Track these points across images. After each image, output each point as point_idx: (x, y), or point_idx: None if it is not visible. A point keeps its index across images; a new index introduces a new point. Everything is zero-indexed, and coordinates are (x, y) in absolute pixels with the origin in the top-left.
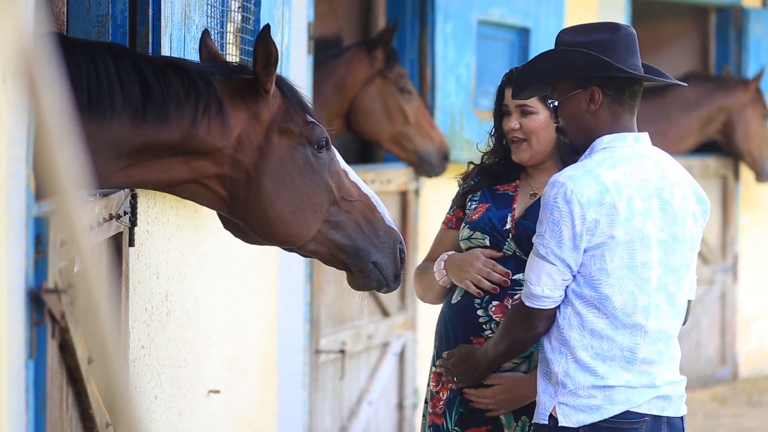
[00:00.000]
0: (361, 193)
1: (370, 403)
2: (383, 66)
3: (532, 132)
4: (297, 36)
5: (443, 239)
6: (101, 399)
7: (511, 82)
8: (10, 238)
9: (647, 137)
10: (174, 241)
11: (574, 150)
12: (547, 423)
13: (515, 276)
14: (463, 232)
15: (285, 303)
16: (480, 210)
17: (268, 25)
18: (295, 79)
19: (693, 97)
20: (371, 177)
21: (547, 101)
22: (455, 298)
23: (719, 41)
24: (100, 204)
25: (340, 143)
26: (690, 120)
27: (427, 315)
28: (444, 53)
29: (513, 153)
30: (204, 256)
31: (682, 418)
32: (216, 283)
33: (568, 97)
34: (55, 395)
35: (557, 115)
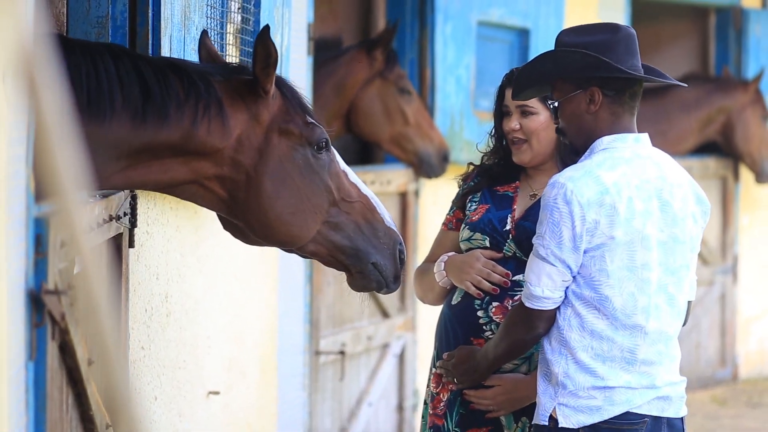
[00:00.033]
0: (361, 194)
1: (369, 405)
2: (383, 67)
3: (532, 132)
4: (297, 37)
5: (443, 240)
6: (101, 400)
7: (512, 82)
8: (10, 238)
9: (647, 138)
10: (174, 243)
11: (574, 151)
12: (547, 424)
13: (515, 277)
14: (463, 233)
15: (285, 304)
16: (480, 211)
17: (267, 26)
18: (295, 80)
19: (693, 98)
20: (371, 178)
21: (547, 102)
22: (455, 299)
23: (719, 42)
24: (100, 205)
25: (339, 144)
26: (690, 121)
27: (427, 316)
28: (444, 54)
29: (514, 154)
30: (204, 257)
31: (682, 419)
32: (216, 285)
33: (568, 98)
34: (55, 396)
35: (557, 116)
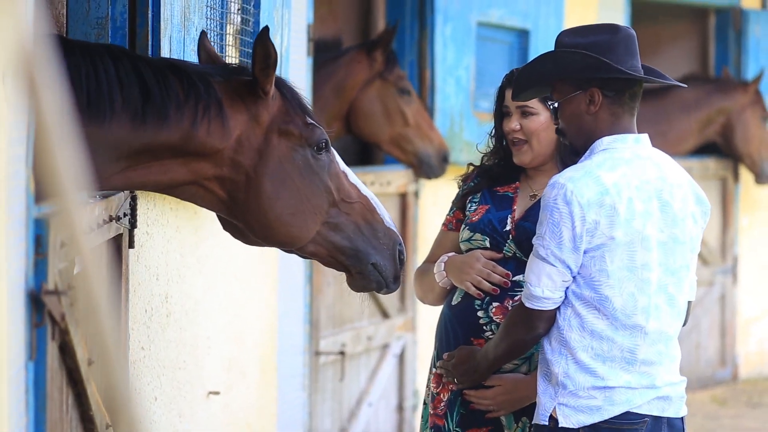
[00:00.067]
0: (361, 195)
1: (369, 405)
2: (383, 68)
3: (532, 133)
4: (296, 38)
5: (443, 241)
6: (101, 400)
7: (512, 83)
8: (10, 239)
9: (647, 139)
10: (174, 243)
11: (574, 151)
12: (547, 424)
13: (515, 277)
14: (463, 233)
15: (285, 304)
16: (480, 211)
17: (266, 27)
18: (295, 81)
19: (692, 99)
20: (371, 179)
21: (547, 103)
22: (455, 299)
23: (718, 43)
24: (99, 206)
25: (339, 145)
26: (689, 122)
27: (427, 316)
28: (443, 55)
29: (514, 155)
30: (203, 257)
31: (682, 419)
32: (215, 285)
33: (567, 99)
34: (55, 396)
35: (557, 117)
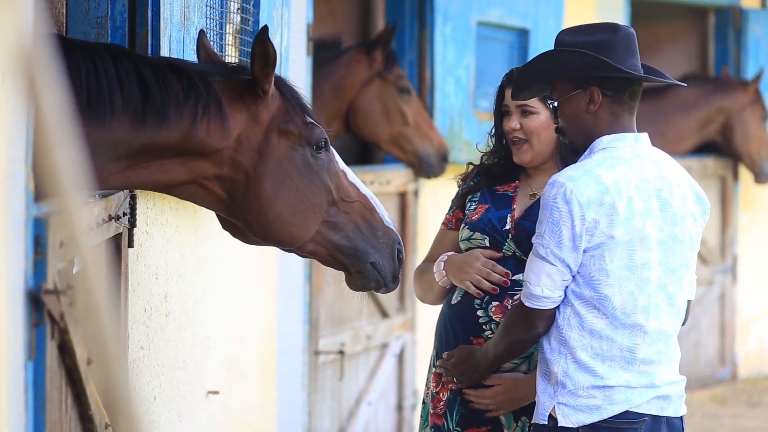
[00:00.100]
0: (360, 194)
1: (369, 404)
2: (382, 67)
3: (532, 132)
4: (296, 38)
5: (442, 240)
6: (100, 400)
7: (511, 82)
8: (9, 238)
9: (647, 137)
10: (173, 242)
11: (573, 150)
12: (547, 423)
13: (515, 276)
14: (463, 232)
15: (284, 304)
16: (479, 210)
17: (265, 26)
18: (294, 81)
19: (692, 99)
20: (370, 178)
21: (547, 102)
22: (455, 298)
23: (718, 42)
24: (99, 205)
25: (339, 144)
26: (689, 121)
27: (426, 316)
28: (443, 54)
29: (514, 155)
30: (203, 257)
31: (681, 418)
32: (215, 285)
33: (567, 98)
34: (55, 396)
35: (557, 116)
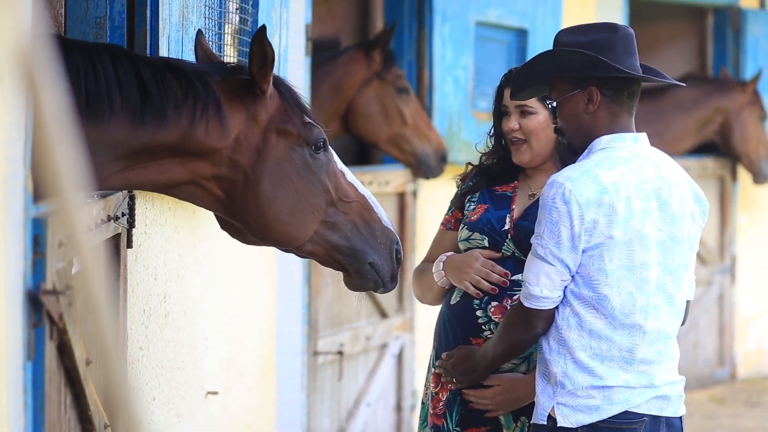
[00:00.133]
0: (359, 194)
1: (368, 405)
2: (381, 67)
3: (531, 132)
4: (295, 38)
5: (441, 240)
6: (100, 400)
7: (510, 82)
8: (8, 239)
9: (645, 138)
10: (172, 243)
11: (572, 150)
12: (546, 423)
13: (514, 277)
14: (462, 232)
15: (283, 305)
16: (478, 211)
17: (263, 26)
18: (293, 81)
19: (690, 99)
20: (369, 178)
21: (546, 102)
22: (454, 299)
23: (717, 42)
24: (98, 205)
25: (337, 144)
26: (687, 121)
27: (426, 316)
28: (442, 55)
29: (513, 155)
30: (202, 257)
31: (680, 418)
32: (214, 285)
33: (566, 98)
34: (54, 396)
35: (556, 116)
